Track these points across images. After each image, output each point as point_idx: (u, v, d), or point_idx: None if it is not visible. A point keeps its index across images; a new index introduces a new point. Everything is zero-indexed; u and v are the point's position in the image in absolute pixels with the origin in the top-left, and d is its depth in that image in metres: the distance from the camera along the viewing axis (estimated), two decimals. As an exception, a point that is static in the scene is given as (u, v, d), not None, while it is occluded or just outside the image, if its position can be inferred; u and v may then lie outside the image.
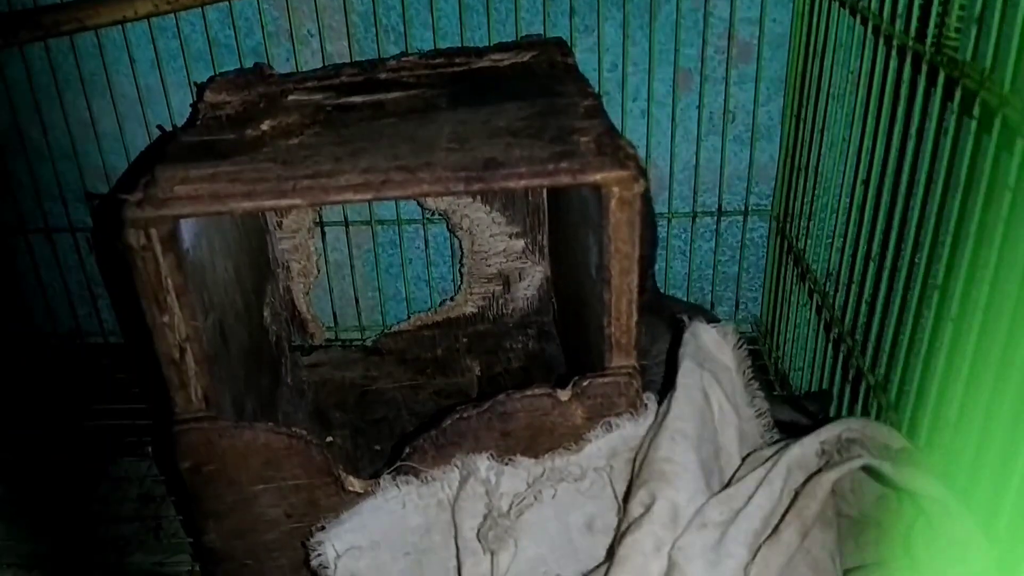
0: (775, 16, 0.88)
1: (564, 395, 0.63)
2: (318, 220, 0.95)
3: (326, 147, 0.61)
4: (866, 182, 0.69)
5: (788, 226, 0.91)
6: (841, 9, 0.73)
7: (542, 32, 0.88)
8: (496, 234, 0.93)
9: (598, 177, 0.56)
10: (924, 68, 0.59)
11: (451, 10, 0.87)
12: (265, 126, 0.66)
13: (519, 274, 0.95)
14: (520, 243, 0.93)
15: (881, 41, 0.65)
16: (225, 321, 0.67)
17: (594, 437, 0.62)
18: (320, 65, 0.87)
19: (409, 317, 0.98)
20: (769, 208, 0.97)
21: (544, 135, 0.61)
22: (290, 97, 0.72)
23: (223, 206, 0.55)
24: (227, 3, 0.86)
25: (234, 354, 0.69)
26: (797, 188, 0.87)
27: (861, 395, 0.70)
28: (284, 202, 0.55)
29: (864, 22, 0.68)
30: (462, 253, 0.94)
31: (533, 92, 0.70)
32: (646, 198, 0.60)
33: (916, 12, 0.60)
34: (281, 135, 0.65)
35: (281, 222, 0.90)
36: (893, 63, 0.63)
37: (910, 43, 0.61)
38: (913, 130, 0.61)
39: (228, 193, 0.55)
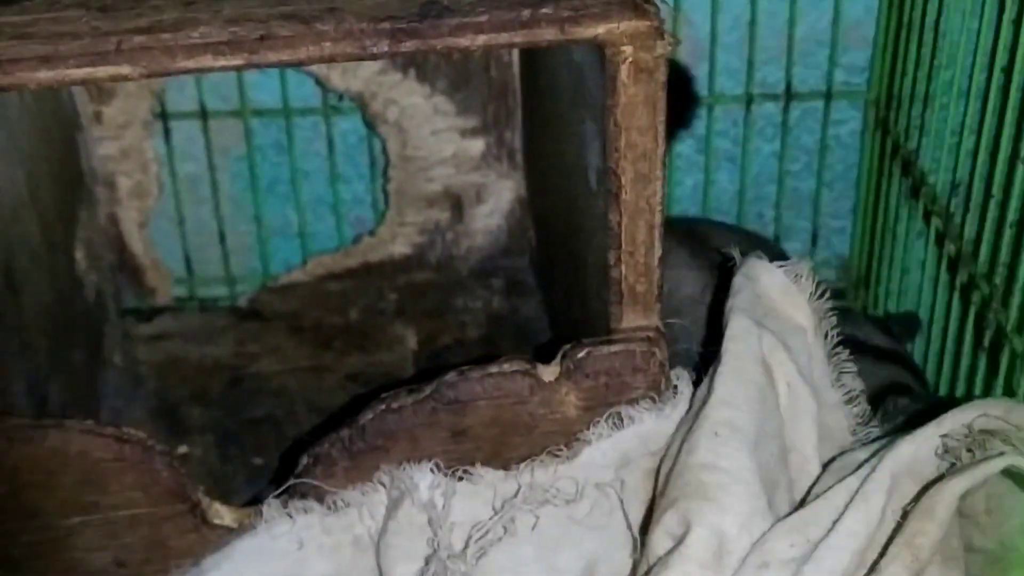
0: None
1: (548, 372, 0.63)
2: (159, 109, 0.94)
3: (170, -15, 0.61)
4: (1013, 47, 0.70)
5: (893, 116, 0.91)
6: None
7: None
8: (441, 130, 0.93)
9: (600, 30, 0.56)
10: None
11: None
12: (73, -47, 0.65)
13: (477, 193, 0.95)
14: (479, 144, 0.93)
15: None
16: (14, 264, 0.67)
17: (595, 437, 0.62)
18: None
19: (305, 262, 0.97)
20: (864, 89, 0.97)
21: (515, -35, 0.61)
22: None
23: (5, 78, 0.54)
24: None
25: (29, 315, 0.68)
26: (907, 58, 0.87)
27: (1003, 365, 0.71)
28: (103, 70, 0.55)
29: None
30: (387, 160, 0.94)
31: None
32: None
33: None
34: (99, -33, 0.64)
35: (101, 112, 0.89)
36: None
37: None
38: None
39: (12, 57, 0.54)
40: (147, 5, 0.58)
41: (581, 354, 0.63)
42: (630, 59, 0.57)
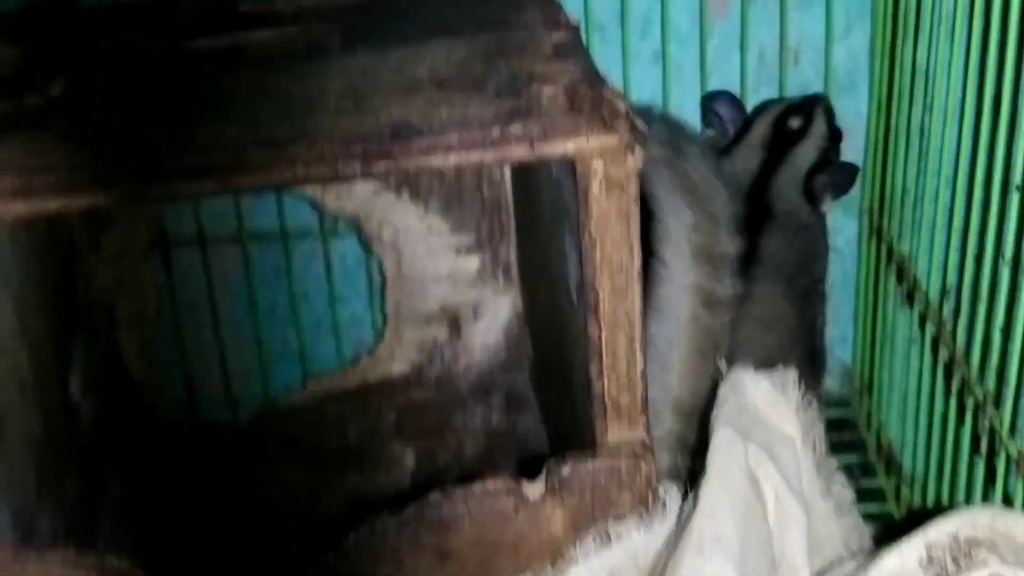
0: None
1: (533, 490, 0.62)
2: (159, 236, 0.95)
3: (147, 115, 0.62)
4: (988, 145, 0.70)
5: (887, 223, 0.91)
6: None
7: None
8: (436, 248, 0.93)
9: (569, 147, 0.57)
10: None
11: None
12: (57, 88, 0.66)
13: (475, 310, 0.95)
14: (474, 261, 0.94)
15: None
16: (1, 397, 0.66)
17: (583, 555, 0.62)
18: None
19: (305, 383, 0.97)
20: (859, 196, 0.97)
21: (487, 86, 0.62)
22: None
23: (-19, 211, 0.55)
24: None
25: (16, 447, 0.68)
26: (896, 164, 0.87)
27: (999, 471, 0.70)
28: (77, 201, 0.55)
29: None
30: (384, 280, 0.94)
31: (474, 23, 0.70)
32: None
33: None
34: (80, 100, 0.65)
35: (99, 240, 0.90)
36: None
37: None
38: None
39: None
40: (122, 136, 0.59)
41: (566, 470, 0.62)
42: (600, 174, 0.57)
